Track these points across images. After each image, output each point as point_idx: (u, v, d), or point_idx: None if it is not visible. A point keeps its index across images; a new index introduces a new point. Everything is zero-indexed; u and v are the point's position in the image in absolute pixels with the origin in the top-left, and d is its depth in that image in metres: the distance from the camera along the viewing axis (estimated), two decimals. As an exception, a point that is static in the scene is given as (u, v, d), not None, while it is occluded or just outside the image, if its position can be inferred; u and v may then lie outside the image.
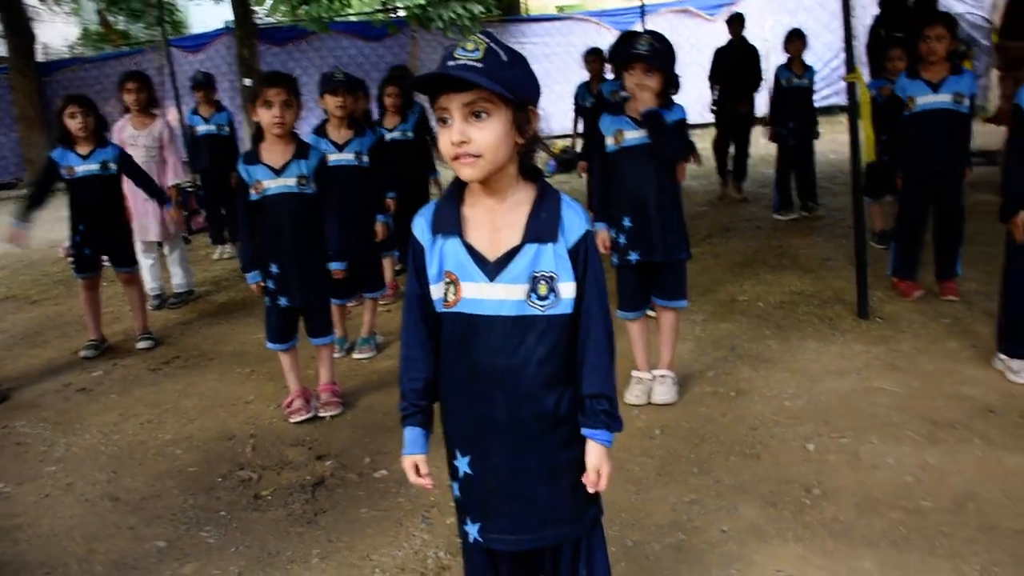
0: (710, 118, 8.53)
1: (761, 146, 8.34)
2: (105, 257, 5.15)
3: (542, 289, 1.61)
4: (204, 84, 7.20)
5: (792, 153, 6.72)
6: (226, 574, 2.71)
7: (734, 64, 7.60)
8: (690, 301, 4.91)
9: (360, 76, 11.34)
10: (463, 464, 1.71)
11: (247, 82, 12.53)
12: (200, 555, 2.84)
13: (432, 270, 1.66)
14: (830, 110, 12.21)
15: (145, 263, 5.98)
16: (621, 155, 3.51)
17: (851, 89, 4.15)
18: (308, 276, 3.76)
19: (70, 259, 5.15)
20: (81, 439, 3.91)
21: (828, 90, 12.38)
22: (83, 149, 4.88)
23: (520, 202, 1.63)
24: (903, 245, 4.64)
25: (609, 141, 3.52)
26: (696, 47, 13.60)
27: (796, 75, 6.64)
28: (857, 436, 3.17)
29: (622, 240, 3.54)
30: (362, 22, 15.02)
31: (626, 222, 3.51)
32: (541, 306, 1.62)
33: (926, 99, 4.32)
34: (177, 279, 6.22)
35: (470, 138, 1.53)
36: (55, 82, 14.65)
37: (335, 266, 3.92)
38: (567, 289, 1.62)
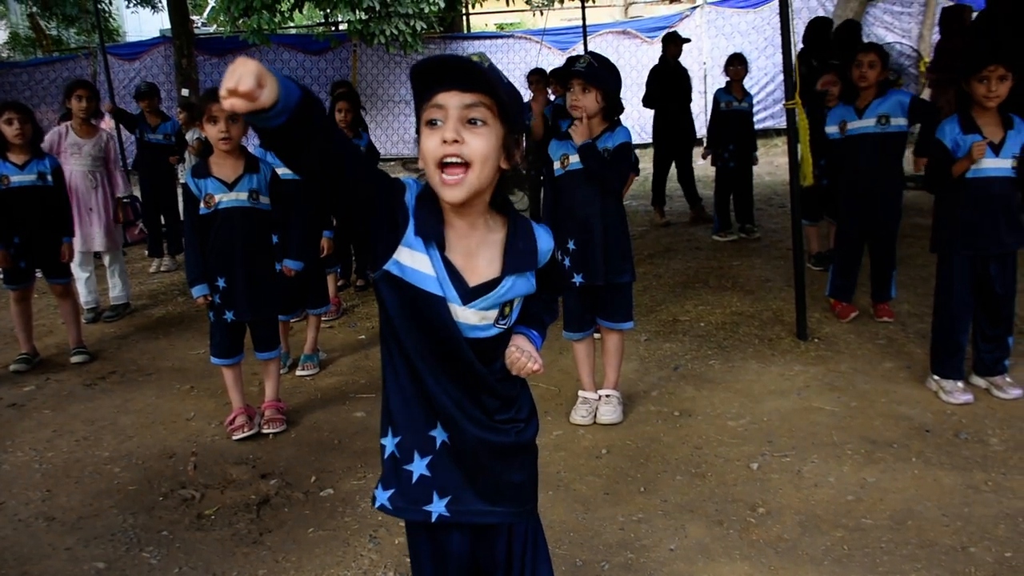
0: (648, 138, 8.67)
1: (699, 167, 8.52)
2: (38, 269, 5.01)
3: (506, 310, 1.64)
4: (148, 94, 7.09)
5: (731, 175, 6.88)
6: (169, 597, 2.65)
7: (668, 85, 7.71)
8: (634, 322, 5.03)
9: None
10: (442, 435, 1.67)
11: (185, 92, 12.34)
12: (142, 577, 2.76)
13: (408, 234, 1.54)
14: (766, 133, 12.58)
15: (81, 276, 5.82)
16: (567, 179, 3.55)
17: (790, 115, 4.29)
18: (256, 290, 3.72)
19: None
20: (13, 456, 3.76)
21: (764, 113, 12.77)
22: (17, 158, 4.74)
23: (493, 230, 1.63)
24: (841, 267, 4.78)
25: (556, 165, 3.57)
26: (636, 68, 13.92)
27: (736, 99, 6.82)
28: (799, 455, 3.26)
29: (566, 262, 3.58)
30: (303, 35, 14.92)
31: (570, 245, 3.56)
32: (504, 325, 1.65)
33: (854, 124, 4.49)
34: (115, 291, 6.05)
35: (464, 140, 1.48)
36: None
37: (290, 264, 3.92)
38: (519, 302, 1.69)
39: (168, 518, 3.13)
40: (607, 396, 3.75)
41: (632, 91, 13.79)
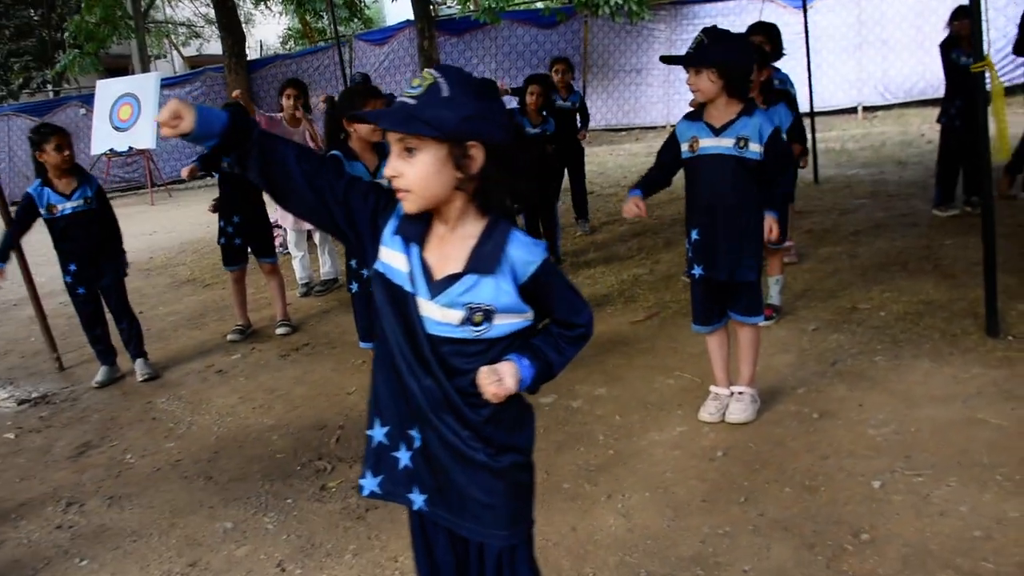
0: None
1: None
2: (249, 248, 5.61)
3: (477, 319, 1.63)
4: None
5: (958, 138, 6.00)
6: (270, 560, 2.91)
7: None
8: (807, 307, 4.63)
9: (535, 63, 11.92)
10: (417, 436, 1.73)
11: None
12: (257, 539, 3.05)
13: (386, 235, 1.68)
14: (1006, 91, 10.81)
15: (297, 254, 6.50)
16: (696, 163, 3.31)
17: (980, 79, 3.66)
18: None
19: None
20: (201, 419, 4.31)
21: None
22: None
23: (468, 235, 1.65)
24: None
25: (684, 147, 3.34)
26: (879, 23, 12.63)
27: (964, 53, 5.92)
28: (936, 475, 2.84)
29: (690, 252, 3.37)
30: (533, 10, 15.19)
31: (694, 234, 3.34)
32: (475, 332, 1.64)
33: None
34: (325, 267, 6.65)
35: (400, 173, 1.59)
36: (261, 77, 16.04)
37: None
38: (506, 318, 1.65)
39: (298, 487, 3.43)
40: (739, 393, 3.51)
41: (864, 50, 12.60)
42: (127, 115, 9.73)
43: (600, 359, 4.35)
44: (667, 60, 3.26)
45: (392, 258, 1.67)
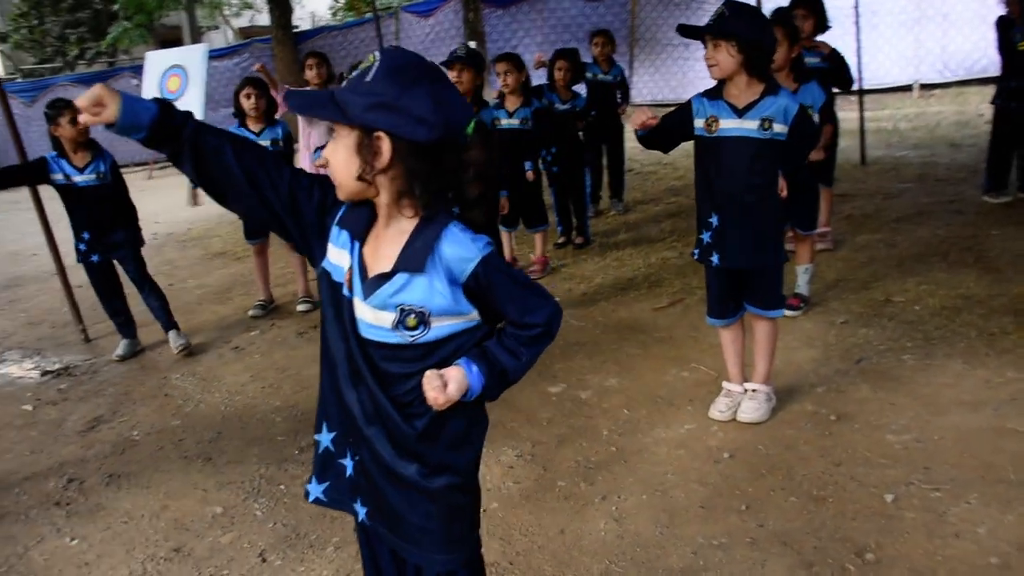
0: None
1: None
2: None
3: (410, 322, 1.51)
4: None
5: (1013, 120, 5.62)
6: (254, 548, 2.85)
7: None
8: (837, 298, 4.40)
9: (582, 36, 11.75)
10: (356, 452, 1.66)
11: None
12: (244, 526, 3.00)
13: (332, 231, 1.60)
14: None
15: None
16: (715, 145, 3.10)
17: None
18: None
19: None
20: (211, 397, 4.27)
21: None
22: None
23: (402, 231, 1.54)
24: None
25: (699, 124, 3.13)
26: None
27: (1022, 31, 5.55)
28: (955, 492, 2.63)
29: (706, 238, 3.18)
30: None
31: (713, 220, 3.15)
32: (410, 336, 1.52)
33: None
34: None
35: (327, 156, 1.54)
36: (308, 49, 15.98)
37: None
38: (444, 320, 1.53)
39: (292, 472, 3.36)
40: (753, 391, 3.33)
41: (923, 24, 11.96)
42: (176, 86, 9.77)
43: (616, 347, 4.20)
44: (683, 30, 3.05)
45: (336, 256, 1.59)
